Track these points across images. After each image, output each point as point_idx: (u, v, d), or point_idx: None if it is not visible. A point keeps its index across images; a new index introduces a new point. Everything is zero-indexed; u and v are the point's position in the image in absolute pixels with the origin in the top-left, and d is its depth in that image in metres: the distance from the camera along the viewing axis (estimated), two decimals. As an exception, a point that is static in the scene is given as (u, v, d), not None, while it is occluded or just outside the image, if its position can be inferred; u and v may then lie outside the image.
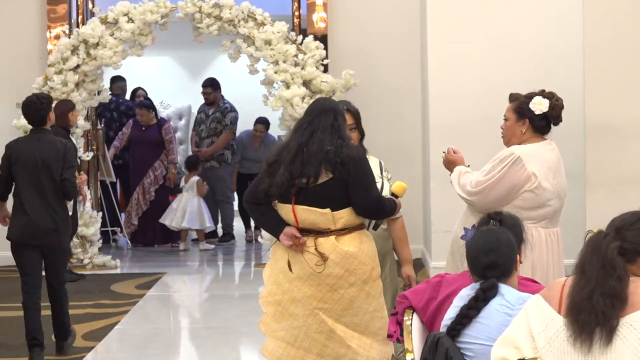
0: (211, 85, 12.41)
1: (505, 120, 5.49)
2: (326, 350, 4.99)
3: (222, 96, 12.50)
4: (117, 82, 12.72)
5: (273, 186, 4.96)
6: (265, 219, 5.10)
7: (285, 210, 5.01)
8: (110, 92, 12.04)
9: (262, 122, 12.46)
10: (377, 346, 5.02)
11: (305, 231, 4.99)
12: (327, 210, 4.94)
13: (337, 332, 4.98)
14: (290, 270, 5.02)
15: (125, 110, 12.41)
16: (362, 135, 5.61)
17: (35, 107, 7.12)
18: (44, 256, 7.04)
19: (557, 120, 5.45)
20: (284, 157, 4.97)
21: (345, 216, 4.98)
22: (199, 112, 12.54)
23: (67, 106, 9.61)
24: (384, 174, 5.62)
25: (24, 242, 7.00)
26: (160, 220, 11.84)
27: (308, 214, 4.95)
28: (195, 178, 11.85)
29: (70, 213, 7.31)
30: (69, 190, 7.00)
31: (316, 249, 4.96)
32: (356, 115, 5.60)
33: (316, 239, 4.98)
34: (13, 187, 7.10)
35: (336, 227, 4.98)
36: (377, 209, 5.07)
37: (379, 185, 5.30)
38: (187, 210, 11.66)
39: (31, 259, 7.04)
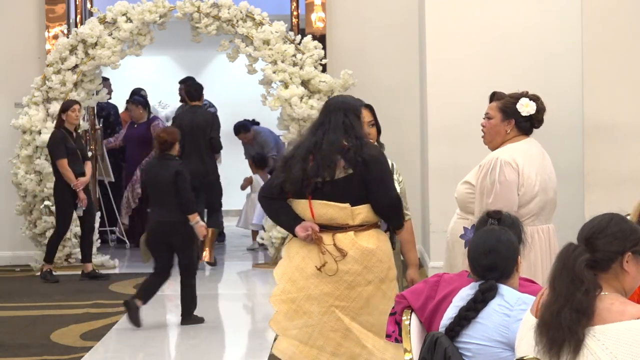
0: (184, 82, 12.43)
1: (489, 118, 5.45)
2: (341, 349, 4.92)
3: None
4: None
5: (287, 182, 4.91)
6: (280, 213, 5.04)
7: (301, 206, 4.95)
8: None
9: (241, 130, 12.47)
10: (391, 349, 4.95)
11: (322, 227, 4.92)
12: (347, 204, 4.89)
13: (353, 331, 4.91)
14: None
15: (98, 111, 12.22)
16: (379, 130, 5.58)
17: (197, 86, 10.95)
18: (204, 189, 10.18)
19: (540, 124, 5.45)
20: (298, 154, 4.95)
21: (364, 212, 4.93)
22: (177, 113, 12.51)
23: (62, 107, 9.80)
24: (395, 176, 5.58)
25: None
26: (240, 226, 11.92)
27: (326, 209, 4.90)
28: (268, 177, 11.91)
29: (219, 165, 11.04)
30: (215, 145, 10.57)
31: (334, 245, 4.90)
32: (373, 110, 5.59)
33: (334, 234, 4.92)
34: None
35: (354, 223, 4.92)
36: (396, 208, 5.03)
37: None
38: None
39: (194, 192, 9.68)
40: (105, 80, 12.64)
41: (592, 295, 3.15)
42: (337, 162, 4.88)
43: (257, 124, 12.97)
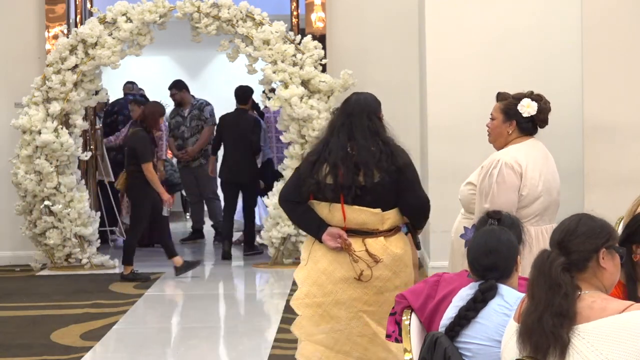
0: (175, 86, 12.46)
1: (492, 119, 5.47)
2: (367, 354, 4.87)
3: (193, 96, 12.55)
4: (130, 84, 12.94)
5: (323, 187, 4.82)
6: (306, 218, 4.93)
7: (328, 209, 4.87)
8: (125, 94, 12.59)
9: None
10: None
11: (351, 232, 4.86)
12: (379, 210, 4.84)
13: (379, 336, 4.86)
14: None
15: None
16: None
17: (244, 90, 11.36)
18: (242, 187, 11.21)
19: (543, 124, 5.44)
20: (326, 157, 4.84)
21: (392, 217, 4.90)
22: (172, 117, 12.54)
23: (158, 110, 10.18)
24: None
25: (229, 181, 11.21)
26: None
27: (358, 214, 4.83)
28: None
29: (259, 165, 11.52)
30: (255, 146, 11.18)
31: (367, 251, 4.85)
32: None
33: (364, 239, 4.87)
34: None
35: (384, 228, 4.88)
36: (426, 209, 5.02)
37: None
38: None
39: (232, 190, 11.31)
40: (132, 83, 12.78)
41: (571, 298, 3.16)
42: (374, 170, 4.82)
43: (258, 109, 12.83)
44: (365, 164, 4.80)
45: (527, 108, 5.36)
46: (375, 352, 4.88)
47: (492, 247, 3.86)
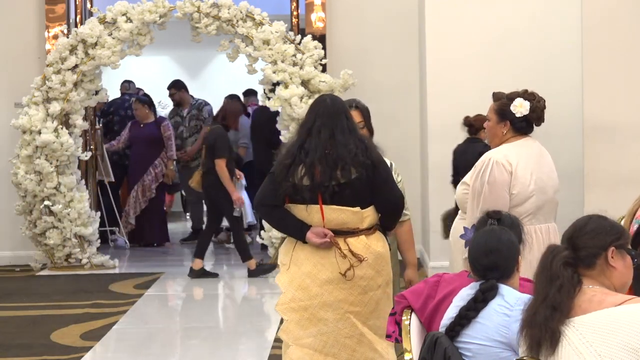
0: (174, 86, 12.46)
1: (488, 120, 5.49)
2: (355, 355, 4.87)
3: (192, 96, 12.54)
4: (127, 83, 12.98)
5: (300, 188, 4.79)
6: (286, 222, 4.91)
7: (305, 211, 4.85)
8: (123, 93, 12.60)
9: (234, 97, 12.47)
10: (391, 350, 4.97)
11: (331, 232, 4.85)
12: (358, 208, 4.83)
13: (366, 336, 4.87)
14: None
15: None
16: (371, 132, 5.55)
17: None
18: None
19: (539, 121, 5.44)
20: (302, 159, 4.82)
21: (370, 214, 4.89)
22: (171, 117, 12.52)
23: (239, 108, 10.56)
24: (394, 176, 5.54)
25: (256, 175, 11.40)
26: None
27: (338, 214, 4.82)
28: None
29: None
30: (267, 140, 11.33)
31: (350, 250, 4.85)
32: (365, 112, 5.57)
33: (346, 239, 4.86)
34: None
35: (363, 227, 4.87)
36: (400, 207, 5.02)
37: None
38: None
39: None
40: (129, 82, 12.79)
41: (565, 291, 3.16)
42: (351, 165, 4.82)
43: (245, 109, 12.80)
44: (343, 159, 4.81)
45: (520, 108, 5.36)
46: (363, 352, 4.89)
47: (492, 247, 3.86)
